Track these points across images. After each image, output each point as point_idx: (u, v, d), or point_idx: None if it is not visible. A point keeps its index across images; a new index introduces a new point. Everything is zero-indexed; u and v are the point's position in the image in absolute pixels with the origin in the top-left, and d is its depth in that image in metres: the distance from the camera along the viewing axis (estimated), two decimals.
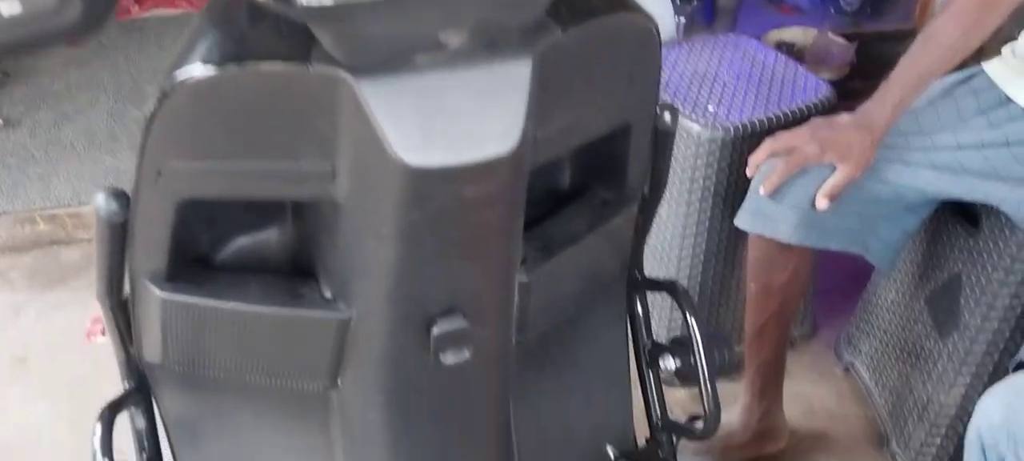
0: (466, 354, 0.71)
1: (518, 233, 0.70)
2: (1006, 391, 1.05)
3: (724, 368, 0.98)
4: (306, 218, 0.74)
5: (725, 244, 1.66)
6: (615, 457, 1.02)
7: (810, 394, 1.85)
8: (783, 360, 1.57)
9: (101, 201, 0.68)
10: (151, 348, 0.80)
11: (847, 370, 1.85)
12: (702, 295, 1.68)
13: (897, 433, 1.65)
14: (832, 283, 2.00)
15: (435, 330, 0.69)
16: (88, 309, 2.19)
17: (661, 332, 1.60)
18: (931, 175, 1.29)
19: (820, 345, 1.96)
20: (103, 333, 2.13)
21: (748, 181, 1.37)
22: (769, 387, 1.58)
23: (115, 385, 2.20)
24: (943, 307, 1.55)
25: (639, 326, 1.03)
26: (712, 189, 1.57)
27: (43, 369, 2.03)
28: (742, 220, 1.38)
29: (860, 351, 1.81)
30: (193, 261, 0.74)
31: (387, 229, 0.65)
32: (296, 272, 0.76)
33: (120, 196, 0.68)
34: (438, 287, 0.67)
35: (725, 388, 0.99)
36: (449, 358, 0.71)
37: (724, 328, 1.71)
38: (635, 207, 0.88)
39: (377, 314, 0.70)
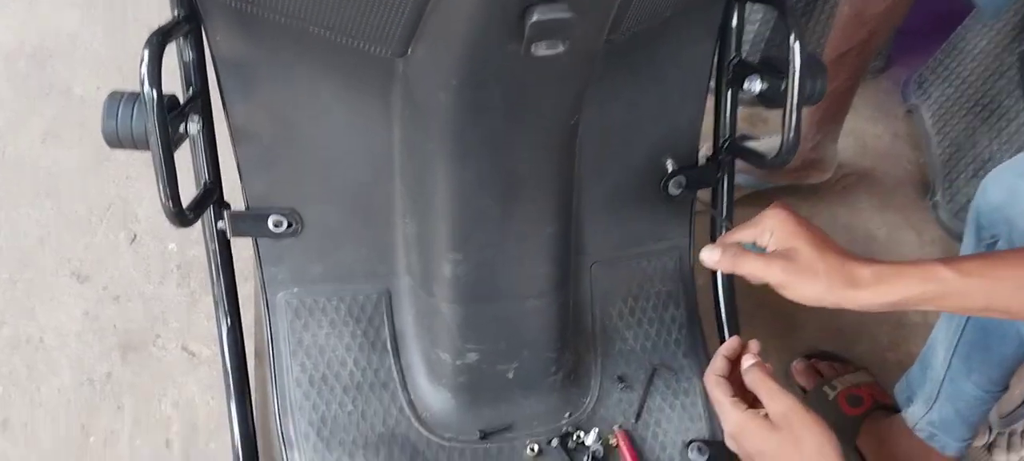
0: (560, 47, 0.64)
1: None
2: (1011, 173, 0.99)
3: (813, 98, 0.90)
4: None
5: None
6: (673, 169, 0.99)
7: (866, 131, 1.79)
8: (853, 94, 1.49)
9: None
10: None
11: (910, 112, 1.78)
12: None
13: (945, 185, 1.62)
14: (917, 23, 1.86)
15: (535, 16, 0.60)
16: None
17: None
18: None
19: (888, 83, 1.87)
20: None
21: None
22: (830, 118, 1.52)
23: (148, 4, 2.12)
24: None
25: (730, 40, 0.95)
26: None
27: None
28: None
29: (929, 95, 1.72)
30: None
31: None
32: None
33: None
34: None
35: (776, 111, 0.92)
36: (541, 49, 0.63)
37: None
38: None
39: None
